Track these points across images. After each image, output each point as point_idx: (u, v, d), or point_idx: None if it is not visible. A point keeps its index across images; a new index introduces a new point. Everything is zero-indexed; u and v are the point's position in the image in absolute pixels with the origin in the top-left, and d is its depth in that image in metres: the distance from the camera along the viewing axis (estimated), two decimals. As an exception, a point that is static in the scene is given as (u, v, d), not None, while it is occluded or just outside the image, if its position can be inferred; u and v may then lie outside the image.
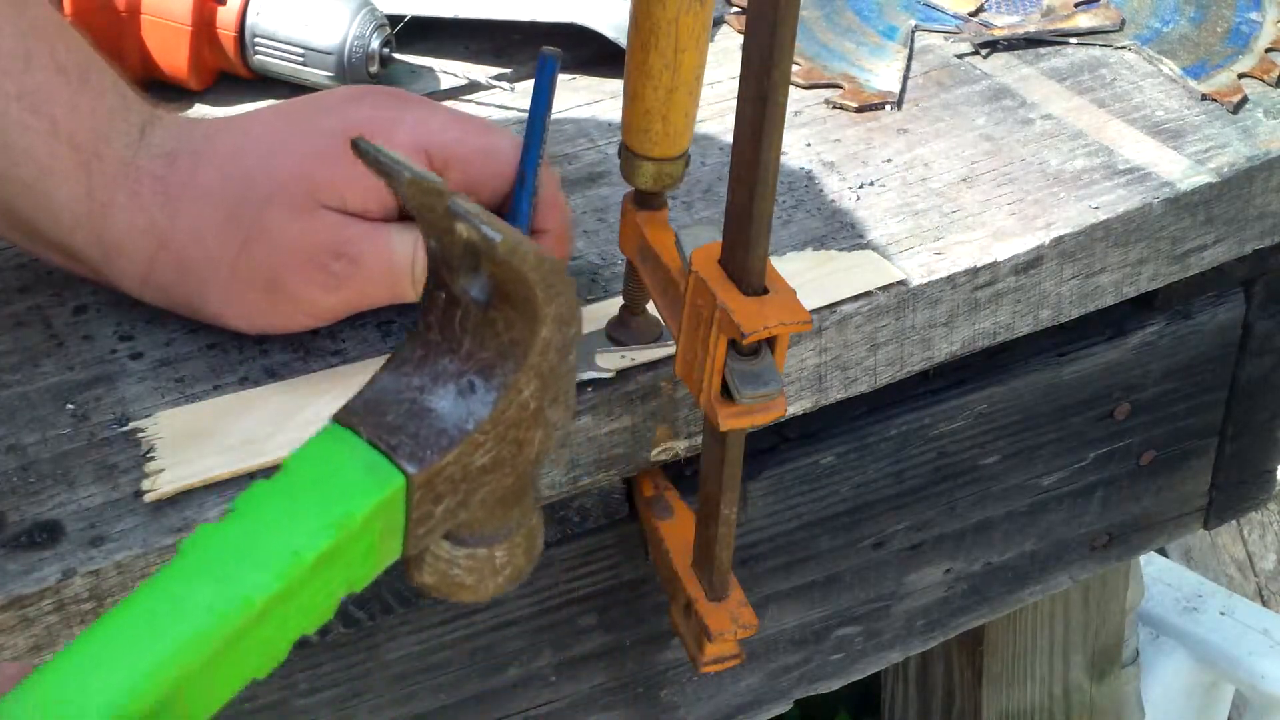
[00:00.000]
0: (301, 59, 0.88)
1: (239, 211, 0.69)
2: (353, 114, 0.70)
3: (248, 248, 0.69)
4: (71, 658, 0.43)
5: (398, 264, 0.69)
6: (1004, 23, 0.97)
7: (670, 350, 0.71)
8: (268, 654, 0.46)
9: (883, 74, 0.92)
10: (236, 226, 0.69)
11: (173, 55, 0.88)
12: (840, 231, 0.80)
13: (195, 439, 0.67)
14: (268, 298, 0.70)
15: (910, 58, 0.94)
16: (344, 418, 0.50)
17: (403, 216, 0.71)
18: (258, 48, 0.88)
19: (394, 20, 0.90)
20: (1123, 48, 0.95)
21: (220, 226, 0.69)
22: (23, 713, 0.42)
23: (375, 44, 0.88)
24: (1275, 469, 1.04)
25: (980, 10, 0.98)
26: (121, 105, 0.70)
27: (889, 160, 0.85)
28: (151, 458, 0.66)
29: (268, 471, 0.65)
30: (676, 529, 0.74)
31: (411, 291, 0.70)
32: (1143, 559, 1.51)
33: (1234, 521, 1.66)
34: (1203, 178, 0.84)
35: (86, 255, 0.71)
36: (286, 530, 0.46)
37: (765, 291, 0.62)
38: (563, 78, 0.93)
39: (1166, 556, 1.77)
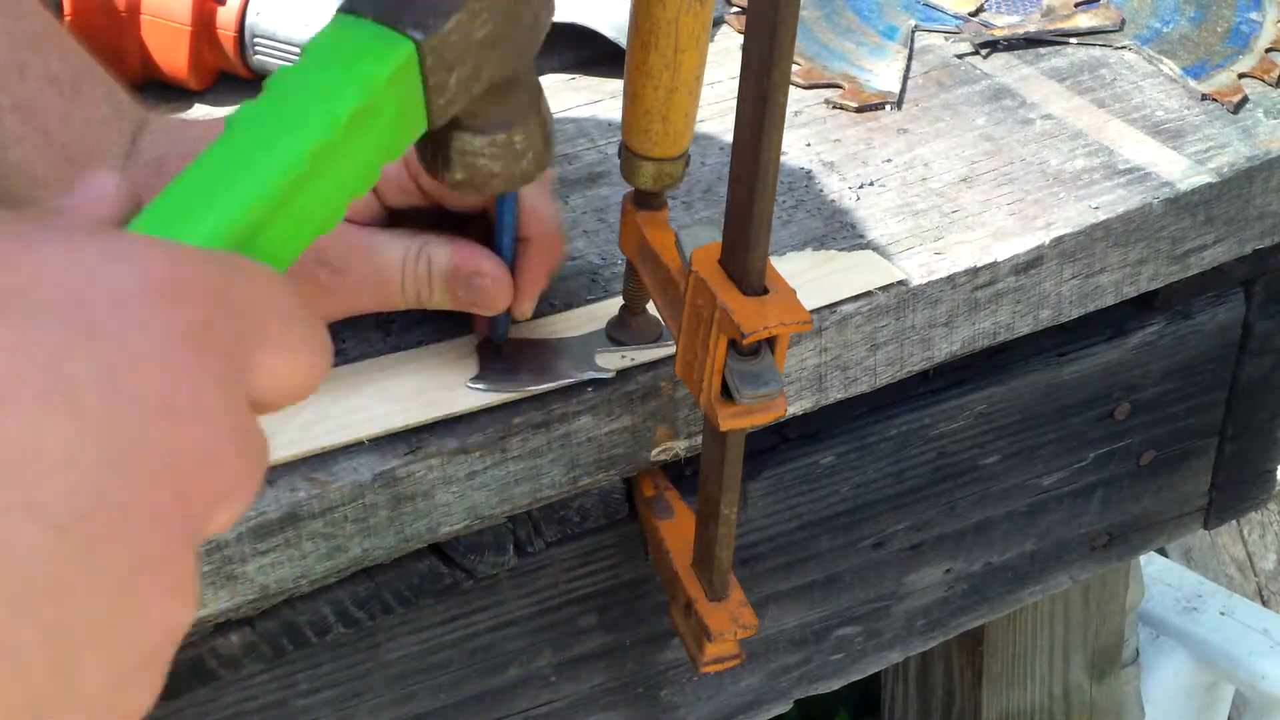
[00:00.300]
0: (301, 59, 0.88)
1: None
2: None
3: None
4: (164, 201, 0.47)
5: (385, 273, 0.69)
6: (1004, 23, 0.97)
7: (670, 350, 0.71)
8: (326, 210, 0.51)
9: (883, 74, 0.92)
10: None
11: (172, 55, 0.88)
12: (840, 231, 0.80)
13: (195, 439, 0.67)
14: None
15: (910, 58, 0.94)
16: (347, 7, 0.54)
17: (392, 223, 0.71)
18: (257, 48, 0.88)
19: (394, 20, 0.90)
20: (1123, 48, 0.95)
21: None
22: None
23: (375, 44, 0.88)
24: (1275, 469, 1.04)
25: (980, 10, 0.98)
26: (115, 115, 0.70)
27: (889, 160, 0.85)
28: (151, 458, 0.66)
29: (266, 472, 0.66)
30: (676, 529, 0.74)
31: (400, 300, 0.70)
32: (1143, 559, 1.52)
33: (1234, 521, 1.66)
34: (1203, 178, 0.84)
35: None
36: (319, 96, 0.51)
37: (765, 291, 0.62)
38: (563, 77, 0.93)
39: (1166, 556, 1.77)
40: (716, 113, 0.88)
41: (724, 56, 0.90)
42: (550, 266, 0.71)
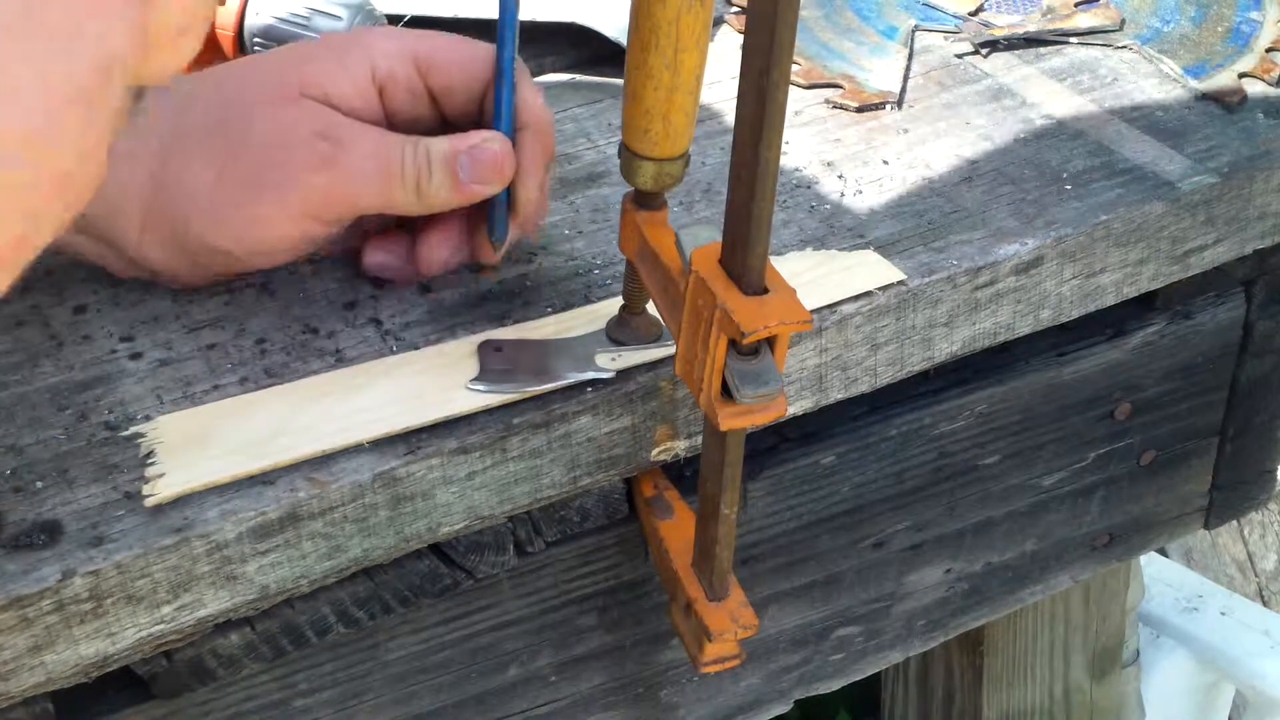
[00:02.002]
0: (301, 59, 0.88)
1: (226, 119, 0.70)
2: (338, 35, 0.73)
3: (234, 151, 0.70)
4: None
5: (384, 152, 0.70)
6: (1004, 22, 0.97)
7: (670, 350, 0.71)
8: None
9: (883, 74, 0.92)
10: (224, 134, 0.70)
11: (172, 55, 0.88)
12: (840, 231, 0.80)
13: (195, 443, 0.67)
14: (254, 198, 0.70)
15: (910, 57, 0.94)
16: None
17: (392, 127, 0.72)
18: (256, 47, 0.88)
19: (394, 20, 0.90)
20: (1123, 47, 0.95)
21: (206, 140, 0.70)
22: None
23: (375, 44, 0.88)
24: (1275, 469, 1.04)
25: (980, 10, 0.98)
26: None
27: (889, 160, 0.85)
28: (151, 462, 0.66)
29: (267, 475, 0.66)
30: (676, 529, 0.74)
31: (400, 189, 0.71)
32: (1143, 559, 1.51)
33: (1234, 521, 1.66)
34: (1203, 178, 0.84)
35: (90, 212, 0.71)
36: None
37: (765, 291, 0.62)
38: (562, 78, 0.93)
39: (1166, 556, 1.77)
40: (716, 113, 0.88)
41: (724, 56, 0.90)
42: (548, 155, 0.73)
